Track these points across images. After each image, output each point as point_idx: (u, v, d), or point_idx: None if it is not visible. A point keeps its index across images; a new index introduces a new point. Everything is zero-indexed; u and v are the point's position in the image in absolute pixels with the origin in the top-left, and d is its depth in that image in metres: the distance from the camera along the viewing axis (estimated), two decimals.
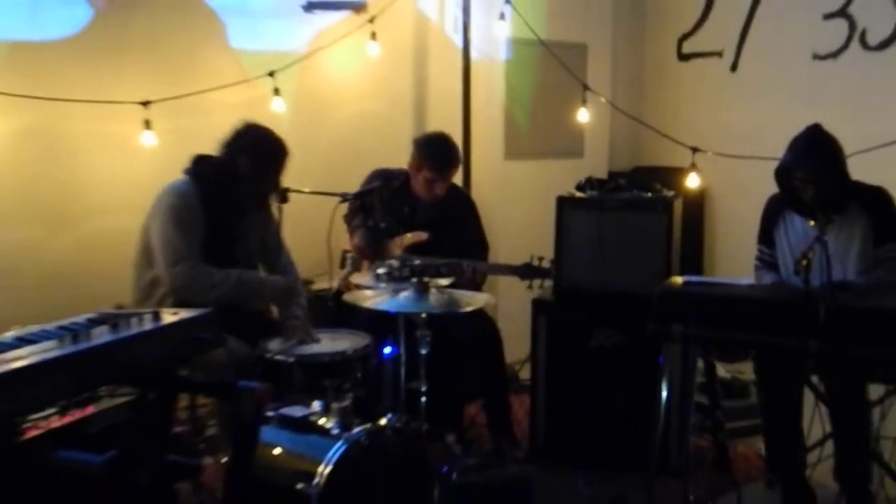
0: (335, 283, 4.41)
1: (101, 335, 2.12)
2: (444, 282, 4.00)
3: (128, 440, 2.17)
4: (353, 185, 4.87)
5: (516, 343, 5.07)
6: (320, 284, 4.56)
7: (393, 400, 4.04)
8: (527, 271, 4.54)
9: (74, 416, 2.14)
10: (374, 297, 3.76)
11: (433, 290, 3.74)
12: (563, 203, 4.70)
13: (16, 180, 4.73)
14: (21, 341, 2.09)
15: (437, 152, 4.74)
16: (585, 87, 5.98)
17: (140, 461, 2.15)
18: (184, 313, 2.34)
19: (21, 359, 1.93)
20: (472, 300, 3.84)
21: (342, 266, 4.73)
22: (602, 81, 6.34)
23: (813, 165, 3.74)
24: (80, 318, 2.35)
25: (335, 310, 4.38)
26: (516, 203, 6.00)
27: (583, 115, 6.05)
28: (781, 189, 3.97)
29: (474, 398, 5.00)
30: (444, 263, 4.44)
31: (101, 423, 2.17)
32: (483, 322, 4.69)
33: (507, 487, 4.17)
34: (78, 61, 4.83)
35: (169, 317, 2.29)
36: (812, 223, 3.78)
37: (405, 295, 3.70)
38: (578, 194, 4.75)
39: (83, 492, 1.96)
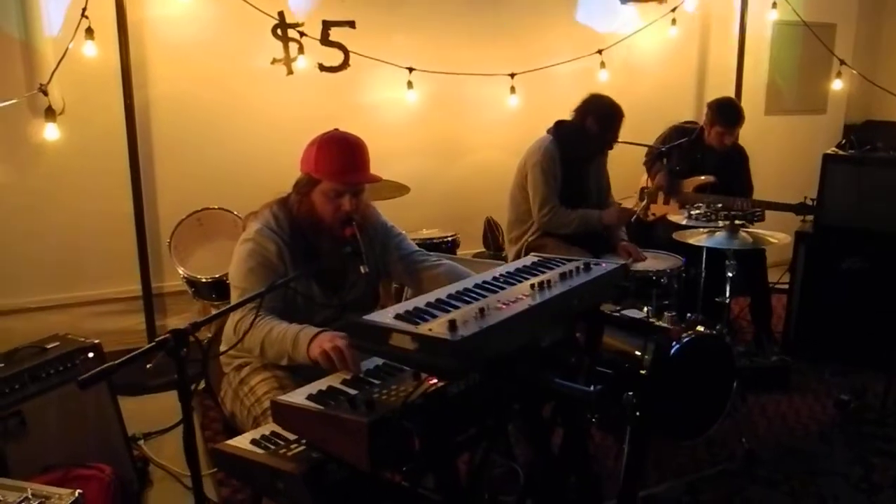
0: (638, 212, 4.06)
1: (556, 285, 1.93)
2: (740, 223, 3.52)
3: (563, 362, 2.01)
4: (653, 136, 4.48)
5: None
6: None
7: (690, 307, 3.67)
8: (801, 209, 4.03)
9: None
10: (698, 234, 3.35)
11: (741, 232, 3.31)
12: (828, 159, 4.05)
13: (427, 128, 4.71)
14: (495, 281, 1.95)
15: (727, 111, 4.21)
16: (842, 62, 5.14)
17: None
18: (604, 265, 2.10)
19: (517, 301, 1.77)
20: (772, 237, 3.32)
21: (641, 199, 4.40)
22: (845, 53, 5.41)
23: None
24: (520, 264, 2.16)
25: (635, 228, 4.06)
26: (773, 148, 5.35)
27: (837, 85, 5.24)
28: None
29: (738, 295, 4.52)
30: (756, 208, 3.82)
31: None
32: None
33: (770, 372, 3.82)
34: (468, 47, 4.64)
35: (596, 268, 2.06)
36: None
37: (721, 234, 3.31)
38: (840, 152, 4.12)
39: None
